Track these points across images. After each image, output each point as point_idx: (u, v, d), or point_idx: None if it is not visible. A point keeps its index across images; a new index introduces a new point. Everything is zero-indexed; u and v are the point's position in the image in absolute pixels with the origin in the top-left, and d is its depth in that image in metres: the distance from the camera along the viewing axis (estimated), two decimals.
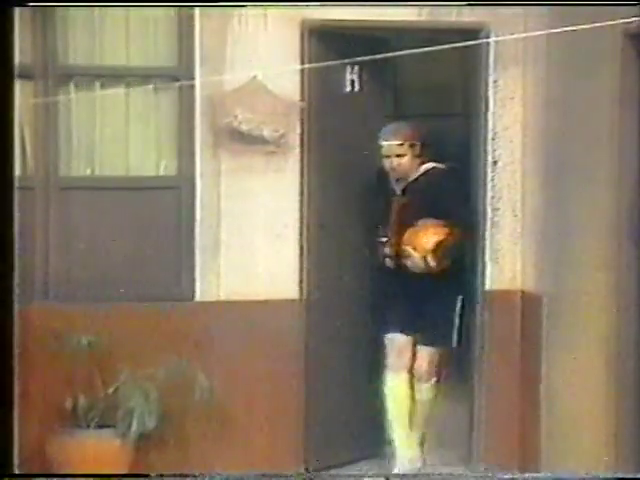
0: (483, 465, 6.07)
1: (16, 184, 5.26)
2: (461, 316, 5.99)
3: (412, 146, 6.02)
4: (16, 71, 4.60)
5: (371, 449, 6.16)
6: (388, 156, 6.04)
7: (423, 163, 6.09)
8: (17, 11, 4.23)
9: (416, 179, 6.08)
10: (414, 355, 6.00)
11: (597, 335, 6.08)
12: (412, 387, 5.99)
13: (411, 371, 5.97)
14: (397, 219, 6.03)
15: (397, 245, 5.99)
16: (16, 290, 5.01)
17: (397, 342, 6.00)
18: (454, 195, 6.03)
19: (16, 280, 4.94)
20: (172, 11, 5.87)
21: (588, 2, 5.20)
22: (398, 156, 6.03)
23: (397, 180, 6.12)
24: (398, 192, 6.09)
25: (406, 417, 5.97)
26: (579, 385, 6.04)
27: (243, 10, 5.84)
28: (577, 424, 6.07)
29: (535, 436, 6.05)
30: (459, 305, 5.99)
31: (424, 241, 5.92)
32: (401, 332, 5.98)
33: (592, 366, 6.06)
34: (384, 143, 6.04)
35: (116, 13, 5.86)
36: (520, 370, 6.12)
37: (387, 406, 5.97)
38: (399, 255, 5.98)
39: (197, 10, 5.84)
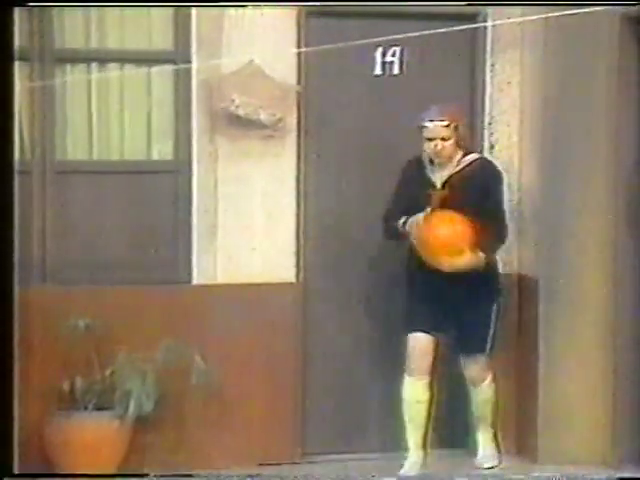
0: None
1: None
2: (497, 320, 5.68)
3: (457, 129, 5.57)
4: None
5: (371, 435, 6.16)
6: (432, 139, 5.56)
7: (465, 152, 5.66)
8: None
9: (460, 171, 5.62)
10: (435, 358, 5.65)
11: (593, 317, 6.11)
12: (431, 390, 5.67)
13: (432, 373, 5.64)
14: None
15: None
16: (16, 273, 5.05)
17: (420, 343, 5.62)
18: (498, 194, 5.63)
19: (16, 263, 4.98)
20: None
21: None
22: (443, 139, 5.56)
23: (437, 169, 5.63)
24: (438, 184, 5.61)
25: (423, 421, 5.67)
26: (576, 367, 6.05)
27: None
28: (574, 407, 6.08)
29: (532, 419, 6.06)
30: (495, 308, 5.65)
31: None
32: (426, 332, 5.61)
33: (589, 348, 6.08)
34: (428, 124, 5.55)
35: None
36: (517, 352, 6.13)
37: (404, 410, 5.67)
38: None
39: None
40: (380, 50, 6.12)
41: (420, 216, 5.50)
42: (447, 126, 5.53)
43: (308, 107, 6.03)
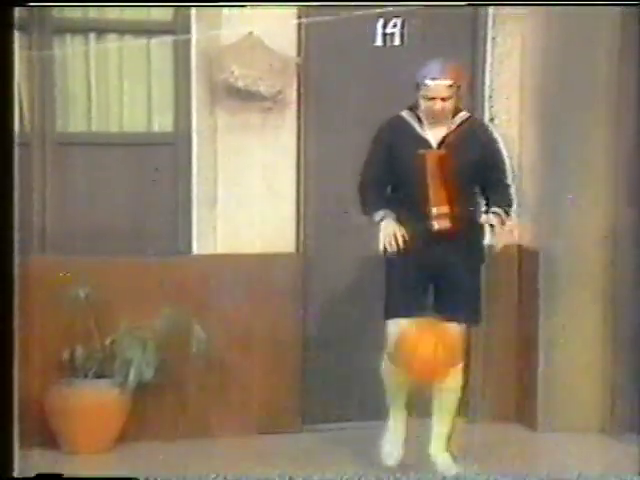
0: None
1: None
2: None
3: (459, 89, 5.19)
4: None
5: (370, 404, 6.17)
6: (432, 98, 5.15)
7: (456, 111, 5.26)
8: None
9: (455, 129, 5.23)
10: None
11: (593, 289, 6.11)
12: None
13: None
14: (438, 175, 5.13)
15: (449, 203, 5.12)
16: (16, 243, 5.07)
17: (403, 325, 5.20)
18: (495, 156, 5.27)
19: (16, 234, 5.00)
20: None
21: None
22: (443, 99, 5.16)
23: (429, 127, 5.21)
24: (434, 144, 5.18)
25: (404, 401, 5.30)
26: (576, 339, 6.06)
27: None
28: (573, 376, 6.08)
29: (532, 389, 6.07)
30: (480, 277, 5.30)
31: None
32: (410, 316, 5.17)
33: (588, 319, 6.09)
34: (429, 82, 5.13)
35: None
36: (518, 324, 6.15)
37: (387, 394, 5.35)
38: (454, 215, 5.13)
39: None
40: (381, 21, 6.14)
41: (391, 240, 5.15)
42: (450, 86, 5.15)
43: (308, 79, 6.04)
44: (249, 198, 6.01)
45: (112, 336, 5.69)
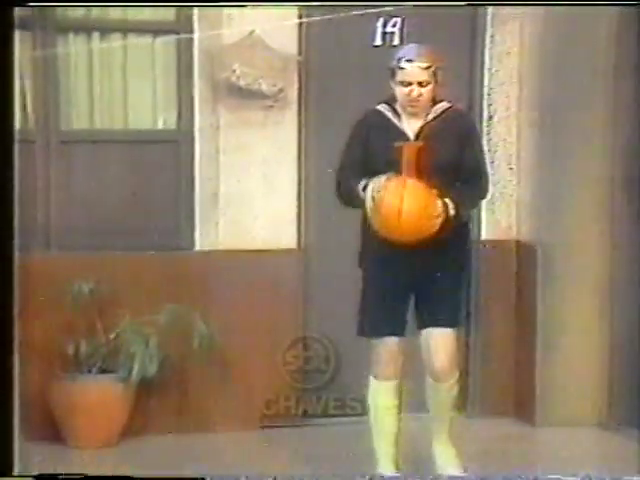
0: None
1: (17, 137, 5.43)
2: (468, 290, 5.18)
3: (435, 74, 4.79)
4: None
5: None
6: (409, 83, 4.78)
7: (434, 101, 4.88)
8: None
9: (433, 120, 4.87)
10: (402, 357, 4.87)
11: (592, 283, 6.21)
12: (400, 397, 4.92)
13: (401, 375, 4.88)
14: (414, 168, 4.71)
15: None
16: (16, 239, 5.15)
17: (390, 344, 4.84)
18: (474, 146, 4.91)
19: (16, 229, 5.09)
20: None
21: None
22: (420, 84, 4.78)
23: (406, 118, 4.87)
24: (411, 135, 4.83)
25: (393, 431, 4.89)
26: (574, 333, 6.14)
27: None
28: (572, 372, 6.17)
29: (530, 384, 6.16)
30: (466, 276, 5.00)
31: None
32: (396, 334, 4.82)
33: (587, 314, 6.17)
34: (405, 65, 4.77)
35: None
36: (516, 318, 6.23)
37: (372, 419, 4.93)
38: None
39: None
40: (381, 21, 6.23)
41: (381, 179, 4.70)
42: (427, 68, 4.76)
43: (308, 77, 6.14)
44: (251, 194, 6.11)
45: (116, 331, 5.78)
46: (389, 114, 4.91)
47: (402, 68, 4.78)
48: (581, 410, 6.09)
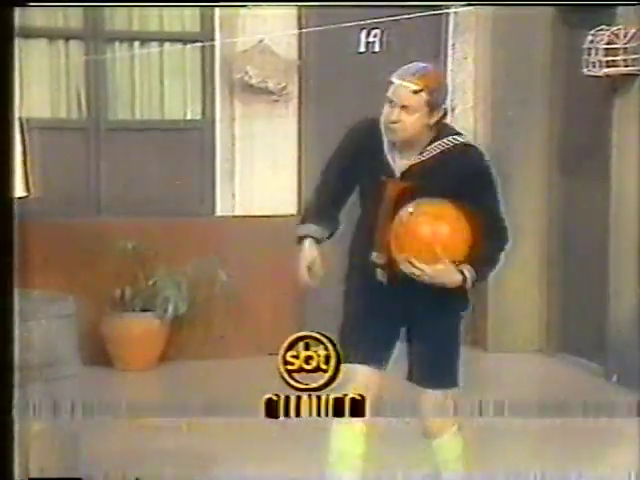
0: None
1: (72, 125, 6.52)
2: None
3: (429, 102, 3.86)
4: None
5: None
6: (391, 101, 3.91)
7: (437, 135, 3.95)
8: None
9: (427, 159, 3.96)
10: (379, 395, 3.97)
11: (532, 238, 7.12)
12: (369, 440, 4.02)
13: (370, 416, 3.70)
14: (392, 209, 3.93)
15: (390, 250, 3.92)
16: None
17: (361, 376, 3.97)
18: (489, 188, 3.99)
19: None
20: None
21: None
22: (404, 108, 3.88)
23: (396, 152, 3.98)
24: (397, 174, 3.97)
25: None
26: (518, 276, 6.94)
27: None
28: (517, 306, 7.15)
29: (483, 317, 7.11)
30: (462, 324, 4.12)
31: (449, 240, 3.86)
32: (370, 364, 4.02)
33: (528, 261, 7.12)
34: (395, 81, 3.92)
35: None
36: None
37: (330, 460, 4.04)
38: (394, 266, 3.92)
39: None
40: (364, 32, 7.03)
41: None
42: (417, 92, 3.86)
43: (307, 77, 7.10)
44: (260, 171, 7.06)
45: (153, 279, 6.66)
46: (384, 135, 4.03)
47: (391, 82, 3.98)
48: (525, 339, 7.06)
